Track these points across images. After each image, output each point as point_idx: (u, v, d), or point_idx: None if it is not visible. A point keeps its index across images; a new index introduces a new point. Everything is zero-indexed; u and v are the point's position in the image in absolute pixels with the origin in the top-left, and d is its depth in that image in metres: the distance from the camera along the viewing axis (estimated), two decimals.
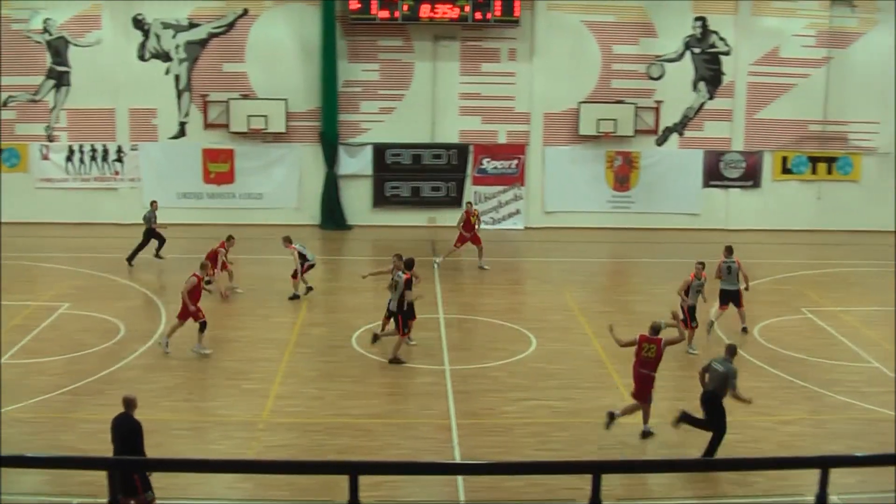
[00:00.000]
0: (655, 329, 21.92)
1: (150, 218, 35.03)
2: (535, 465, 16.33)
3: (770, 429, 22.30)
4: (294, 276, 30.79)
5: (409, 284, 25.88)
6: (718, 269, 28.93)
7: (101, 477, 8.96)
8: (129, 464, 13.98)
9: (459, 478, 18.87)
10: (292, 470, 15.58)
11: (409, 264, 26.61)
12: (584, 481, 8.42)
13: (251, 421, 22.08)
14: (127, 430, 16.94)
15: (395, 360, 25.67)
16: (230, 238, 31.46)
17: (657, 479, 19.15)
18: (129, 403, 17.26)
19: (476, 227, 35.68)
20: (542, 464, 13.66)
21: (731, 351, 20.87)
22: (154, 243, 35.13)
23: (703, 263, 27.18)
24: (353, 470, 8.47)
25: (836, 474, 8.87)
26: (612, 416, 21.41)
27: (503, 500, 18.22)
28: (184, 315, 26.09)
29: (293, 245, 30.95)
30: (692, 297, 26.74)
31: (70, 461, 13.59)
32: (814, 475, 9.14)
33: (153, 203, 35.81)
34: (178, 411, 22.22)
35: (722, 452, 20.71)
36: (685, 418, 20.79)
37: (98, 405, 22.30)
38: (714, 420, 20.44)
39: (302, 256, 30.75)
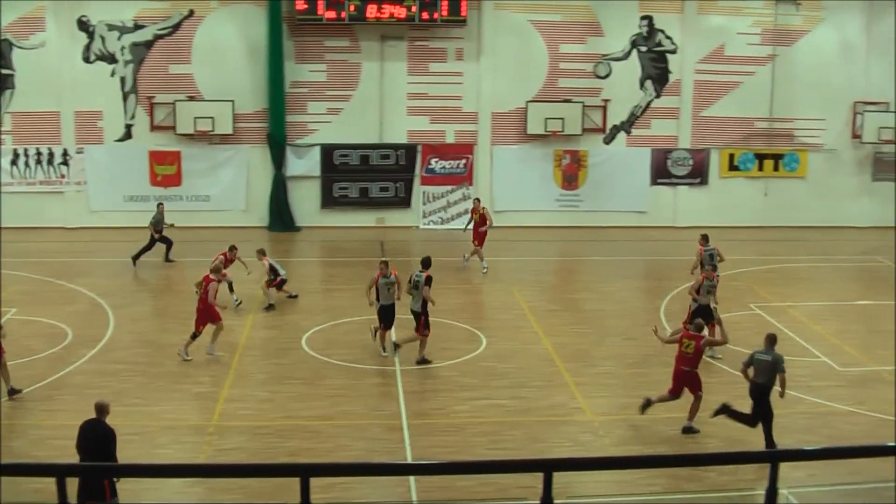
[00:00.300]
0: (698, 327, 22.31)
1: (158, 220, 34.91)
2: (487, 465, 16.33)
3: (720, 424, 22.40)
4: (269, 285, 30.39)
5: (429, 282, 25.77)
6: (699, 258, 29.34)
7: (52, 483, 8.86)
8: (81, 470, 13.83)
9: (411, 478, 18.85)
10: (243, 473, 15.49)
11: (427, 263, 26.46)
12: (535, 480, 8.41)
13: (201, 425, 21.97)
14: (101, 436, 16.84)
15: (423, 361, 25.78)
16: (232, 248, 30.59)
17: (609, 476, 19.19)
18: (102, 409, 17.19)
19: (483, 226, 35.39)
20: (493, 463, 13.69)
21: (772, 340, 21.37)
22: (160, 246, 35.33)
23: (713, 265, 27.16)
24: (305, 472, 8.42)
25: (785, 468, 8.92)
26: (689, 429, 21.83)
27: (456, 499, 18.20)
28: (215, 317, 26.04)
29: (266, 258, 30.66)
30: (703, 296, 26.49)
31: (21, 468, 13.44)
32: (764, 469, 9.18)
33: (160, 206, 35.76)
34: (127, 416, 22.03)
35: (674, 448, 20.85)
36: (725, 411, 21.16)
37: (47, 411, 22.16)
38: (763, 410, 20.87)
39: (273, 271, 30.43)
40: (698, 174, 43.87)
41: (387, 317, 26.18)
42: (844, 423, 22.47)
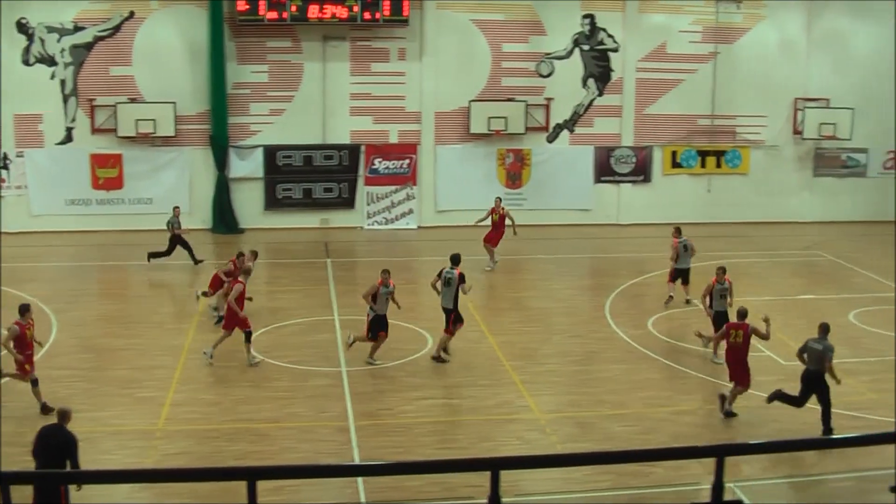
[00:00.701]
0: (741, 314, 22.73)
1: (173, 224, 34.81)
2: (435, 464, 16.33)
3: (666, 419, 22.56)
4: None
5: (462, 279, 26.14)
6: (675, 250, 30.41)
7: None
8: (28, 478, 13.70)
9: (360, 479, 18.83)
10: (190, 477, 15.33)
11: (457, 259, 26.81)
12: (483, 478, 8.42)
13: (148, 430, 21.82)
14: (62, 442, 16.72)
15: (439, 358, 26.04)
16: (240, 254, 29.13)
17: (556, 473, 19.25)
18: (64, 415, 17.08)
19: (502, 227, 35.79)
20: (441, 462, 13.65)
21: (825, 329, 22.02)
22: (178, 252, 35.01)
23: (723, 268, 26.90)
24: (252, 475, 8.37)
25: (732, 461, 8.97)
26: (727, 412, 22.64)
27: (404, 499, 18.20)
28: (230, 324, 25.78)
29: (254, 261, 29.15)
30: (717, 302, 26.27)
31: None
32: (711, 463, 9.24)
33: (175, 209, 35.60)
34: (72, 422, 21.79)
35: (620, 444, 20.94)
36: (779, 396, 21.96)
37: None
38: (819, 396, 21.58)
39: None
40: (641, 172, 44.11)
41: (382, 326, 25.96)
42: (789, 416, 22.64)
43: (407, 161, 42.65)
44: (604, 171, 43.91)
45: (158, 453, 20.65)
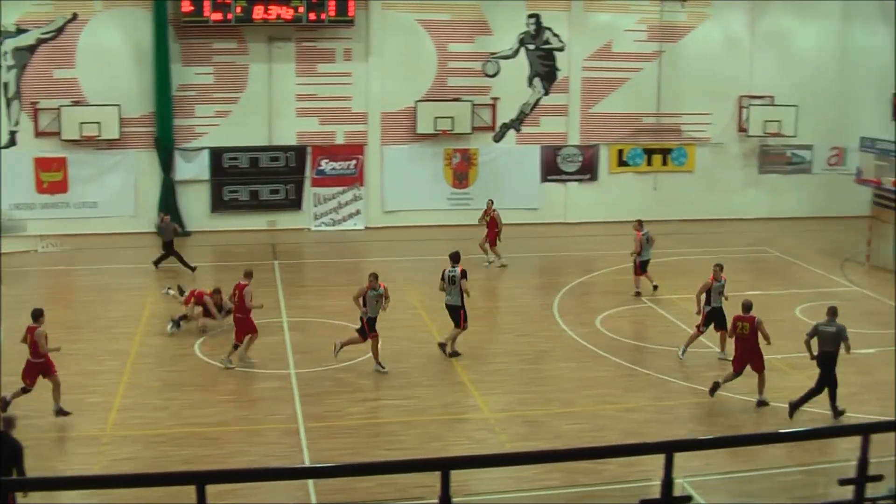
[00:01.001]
0: (746, 307, 23.28)
1: (164, 229, 35.10)
2: (385, 465, 16.28)
3: (615, 417, 22.64)
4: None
5: (465, 275, 26.54)
6: (638, 243, 31.28)
7: None
8: None
9: (310, 481, 18.77)
10: (137, 483, 15.25)
11: (456, 257, 27.11)
12: (434, 479, 8.39)
13: (95, 435, 21.65)
14: (8, 450, 16.57)
15: (454, 353, 26.41)
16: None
17: (505, 472, 19.25)
18: (9, 422, 16.94)
19: (496, 227, 36.35)
20: (391, 463, 13.63)
21: (834, 312, 22.71)
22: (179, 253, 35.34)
23: (720, 265, 26.90)
24: (200, 479, 8.31)
25: (681, 458, 9.00)
26: (760, 402, 23.27)
27: (355, 501, 18.15)
28: (252, 328, 25.78)
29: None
30: (715, 299, 26.32)
31: None
32: (661, 460, 9.26)
33: (165, 217, 36.01)
34: (17, 429, 21.58)
35: (569, 442, 20.98)
36: (801, 403, 22.48)
37: None
38: (830, 378, 22.30)
39: (221, 308, 28.49)
40: (588, 170, 44.25)
41: (372, 327, 25.80)
42: (738, 411, 22.80)
43: (353, 162, 42.54)
44: (550, 170, 44.01)
45: (106, 459, 20.49)
